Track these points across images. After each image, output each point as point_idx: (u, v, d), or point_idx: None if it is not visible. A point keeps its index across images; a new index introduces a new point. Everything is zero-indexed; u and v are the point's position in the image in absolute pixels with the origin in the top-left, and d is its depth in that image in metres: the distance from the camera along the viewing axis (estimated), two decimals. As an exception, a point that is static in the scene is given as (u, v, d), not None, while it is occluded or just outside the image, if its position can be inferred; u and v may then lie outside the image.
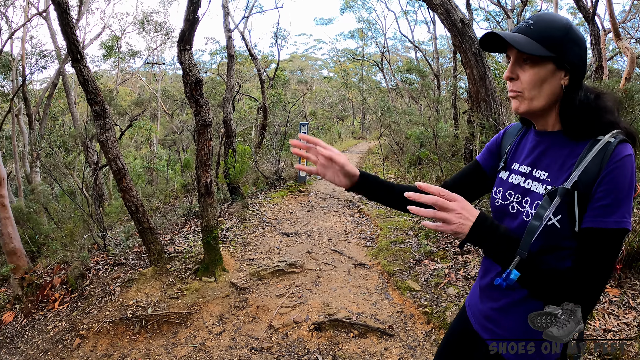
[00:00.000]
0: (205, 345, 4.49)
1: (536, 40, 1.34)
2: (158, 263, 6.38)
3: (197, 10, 5.21)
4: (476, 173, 1.80)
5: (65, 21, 5.26)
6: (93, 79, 5.56)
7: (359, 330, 4.41)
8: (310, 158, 1.66)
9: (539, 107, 1.41)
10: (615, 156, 1.27)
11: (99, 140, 5.88)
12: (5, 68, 16.06)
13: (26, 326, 6.15)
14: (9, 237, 7.74)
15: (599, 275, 1.26)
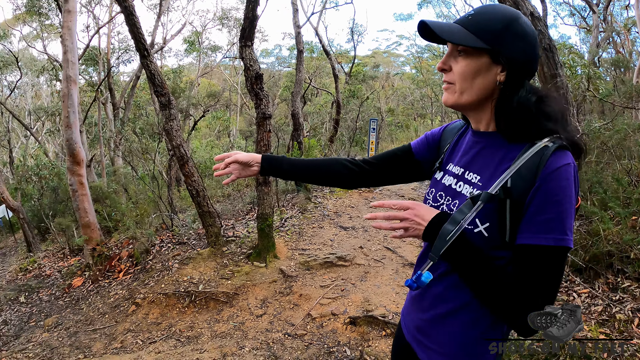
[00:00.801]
0: (244, 325, 4.76)
1: (472, 31, 1.24)
2: (215, 245, 6.74)
3: (255, 8, 5.47)
4: (406, 158, 1.69)
5: (131, 22, 5.78)
6: (159, 73, 6.02)
7: (391, 330, 4.45)
8: (227, 171, 1.77)
9: (469, 102, 1.31)
10: (552, 164, 1.16)
11: (164, 129, 6.34)
12: (93, 61, 17.52)
13: (91, 291, 6.84)
14: (85, 212, 8.52)
15: (541, 294, 1.16)
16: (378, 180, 1.76)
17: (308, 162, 1.78)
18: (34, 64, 22.19)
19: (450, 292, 1.35)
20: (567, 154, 1.19)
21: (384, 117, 21.47)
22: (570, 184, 1.16)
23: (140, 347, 4.72)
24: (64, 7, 8.51)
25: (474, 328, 1.32)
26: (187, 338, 4.73)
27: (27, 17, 17.90)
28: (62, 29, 8.54)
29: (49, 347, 5.35)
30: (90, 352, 4.93)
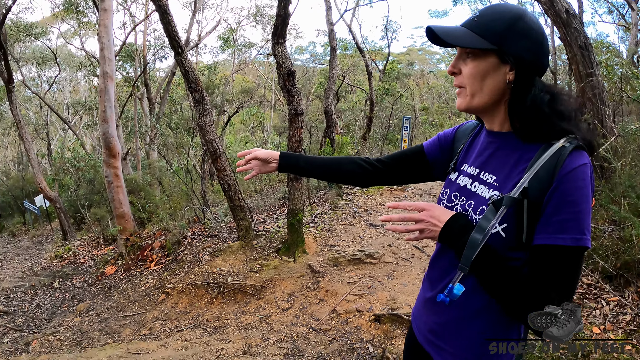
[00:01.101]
0: (270, 317, 4.82)
1: (477, 33, 1.23)
2: (245, 238, 6.83)
3: (287, 6, 5.51)
4: (418, 158, 1.70)
5: (165, 20, 5.93)
6: (193, 70, 6.16)
7: (416, 328, 4.43)
8: (248, 167, 1.81)
9: (482, 104, 1.30)
10: (569, 165, 1.15)
11: (197, 124, 6.48)
12: (129, 57, 18.00)
13: (123, 279, 7.06)
14: (119, 203, 8.77)
15: (559, 294, 1.16)
16: (390, 180, 1.78)
17: (323, 160, 1.82)
18: (72, 60, 22.95)
19: (468, 297, 1.31)
20: (583, 154, 1.18)
21: (417, 115, 21.25)
22: (587, 184, 1.15)
23: (167, 335, 4.84)
24: (100, 6, 8.78)
25: (491, 331, 1.32)
26: (213, 328, 4.82)
27: (65, 15, 18.51)
28: (99, 27, 8.81)
29: (80, 331, 5.55)
30: (119, 338, 5.09)
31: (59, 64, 19.12)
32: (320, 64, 32.02)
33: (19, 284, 8.34)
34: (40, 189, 11.95)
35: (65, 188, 13.59)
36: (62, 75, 24.23)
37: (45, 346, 5.27)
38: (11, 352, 5.29)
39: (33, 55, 20.70)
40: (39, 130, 23.12)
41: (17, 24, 16.84)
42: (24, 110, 25.90)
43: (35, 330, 5.91)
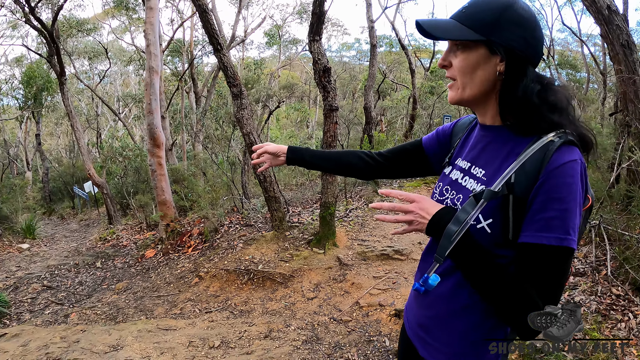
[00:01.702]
0: (295, 305, 4.97)
1: (466, 24, 1.19)
2: (279, 229, 7.02)
3: (322, 4, 5.63)
4: (415, 153, 1.71)
5: (205, 19, 6.21)
6: (232, 65, 6.40)
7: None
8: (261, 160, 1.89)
9: (471, 96, 1.27)
10: (556, 160, 1.11)
11: (235, 117, 6.71)
12: (177, 52, 18.58)
13: (161, 262, 7.44)
14: (162, 190, 9.16)
15: (542, 296, 1.11)
16: (391, 173, 1.82)
17: (328, 154, 1.88)
18: (123, 55, 23.87)
19: (455, 292, 1.31)
20: (574, 149, 1.14)
21: (461, 114, 20.97)
22: (575, 181, 1.10)
23: (196, 315, 5.09)
24: (146, 4, 9.16)
25: (478, 329, 1.29)
26: (240, 311, 5.03)
27: (116, 12, 19.26)
28: (145, 24, 9.20)
29: (116, 307, 5.90)
30: (152, 315, 5.39)
31: (110, 58, 19.93)
32: (367, 61, 32.01)
33: (64, 262, 8.89)
34: (89, 176, 12.59)
35: (113, 176, 14.20)
36: (113, 69, 25.28)
37: (82, 319, 5.64)
38: (51, 322, 5.69)
39: (85, 49, 21.68)
40: (90, 121, 24.20)
41: (69, 20, 17.66)
42: (77, 101, 27.25)
43: (75, 305, 6.33)
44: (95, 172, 12.76)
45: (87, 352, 3.87)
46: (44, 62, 14.65)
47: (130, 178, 14.64)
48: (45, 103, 18.58)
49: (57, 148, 31.73)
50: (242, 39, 19.76)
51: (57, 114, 26.61)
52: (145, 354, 3.77)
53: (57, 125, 31.55)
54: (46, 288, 7.17)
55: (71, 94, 25.22)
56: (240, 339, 4.11)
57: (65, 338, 4.31)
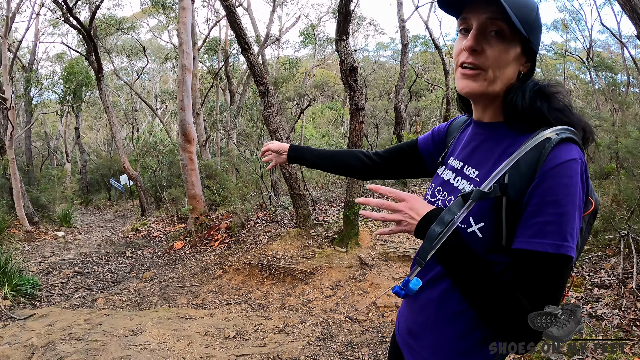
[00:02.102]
0: (312, 302, 5.04)
1: (515, 13, 1.06)
2: (303, 226, 7.11)
3: (349, 4, 5.67)
4: (411, 153, 1.67)
5: (232, 19, 6.39)
6: (259, 64, 6.56)
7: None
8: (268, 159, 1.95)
9: (496, 92, 1.16)
10: (553, 159, 1.02)
11: (262, 115, 6.85)
12: (213, 50, 18.91)
13: (188, 254, 7.65)
14: (192, 185, 9.39)
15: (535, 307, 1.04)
16: (387, 174, 1.80)
17: (327, 153, 1.87)
18: (161, 52, 24.46)
19: (443, 298, 1.25)
20: (573, 148, 1.05)
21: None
22: (574, 182, 1.01)
23: (216, 306, 5.23)
24: (179, 4, 9.39)
25: (467, 338, 1.21)
26: (258, 305, 5.13)
27: (153, 11, 19.74)
28: (178, 23, 9.45)
29: (141, 294, 6.14)
30: (174, 304, 5.57)
31: (147, 56, 20.46)
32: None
33: (96, 250, 9.28)
34: (124, 168, 12.99)
35: (148, 169, 14.59)
36: (152, 66, 26.00)
37: (108, 304, 5.88)
38: (78, 306, 5.96)
39: (123, 47, 22.30)
40: (128, 116, 24.88)
41: (108, 19, 18.22)
42: (116, 97, 28.17)
43: (103, 291, 6.61)
44: (129, 165, 13.15)
45: (107, 335, 4.05)
46: (83, 59, 15.18)
47: (165, 172, 14.99)
48: (85, 98, 19.20)
49: (96, 141, 32.81)
50: (277, 38, 19.97)
51: (96, 109, 27.51)
52: (163, 339, 3.92)
53: (96, 120, 32.60)
54: (77, 274, 7.51)
55: (110, 90, 26.24)
56: (255, 331, 4.21)
57: (89, 320, 4.54)
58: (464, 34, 1.17)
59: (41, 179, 19.55)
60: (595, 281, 5.27)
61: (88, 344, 3.86)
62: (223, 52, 17.85)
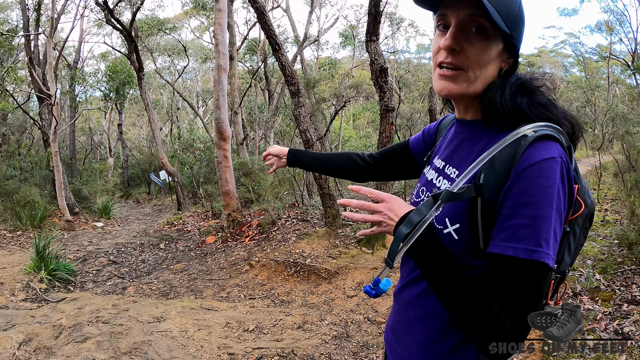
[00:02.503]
0: (334, 301, 5.09)
1: (497, 8, 0.99)
2: (331, 226, 7.17)
3: (378, 5, 5.70)
4: (403, 153, 1.65)
5: (262, 20, 6.54)
6: (289, 65, 6.68)
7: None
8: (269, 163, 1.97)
9: (476, 92, 1.11)
10: (528, 159, 0.96)
11: (293, 114, 6.96)
12: (252, 51, 19.22)
13: (219, 249, 7.88)
14: (226, 181, 9.60)
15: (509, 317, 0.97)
16: (382, 175, 1.80)
17: (324, 156, 1.88)
18: (203, 52, 24.93)
19: (421, 299, 1.21)
20: (552, 145, 0.99)
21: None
22: (552, 183, 0.95)
23: (240, 300, 5.37)
24: (215, 6, 9.63)
25: (443, 340, 1.15)
26: (281, 301, 5.23)
27: (194, 12, 20.20)
28: (214, 25, 9.69)
29: (170, 285, 6.36)
30: (200, 296, 5.75)
31: (189, 56, 20.98)
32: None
33: (132, 241, 9.68)
34: (162, 164, 13.41)
35: (186, 165, 14.96)
36: (193, 65, 26.62)
37: (137, 292, 6.14)
38: (109, 292, 6.25)
39: (166, 47, 22.94)
40: (170, 114, 25.52)
41: (151, 19, 18.83)
42: (158, 95, 28.97)
43: (135, 280, 6.92)
44: (168, 161, 13.54)
45: (132, 320, 4.24)
46: (126, 58, 15.74)
47: (202, 169, 15.33)
48: (127, 96, 19.83)
49: (138, 137, 33.79)
50: (315, 39, 20.09)
51: (139, 106, 28.41)
52: (184, 328, 4.06)
53: (138, 117, 33.63)
54: (111, 262, 7.88)
55: (153, 88, 27.04)
56: (274, 326, 4.30)
57: (116, 306, 4.77)
58: (442, 31, 1.11)
59: (83, 172, 20.35)
60: (625, 296, 5.07)
61: (113, 327, 4.07)
62: (262, 52, 18.11)
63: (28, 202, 11.36)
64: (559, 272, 1.10)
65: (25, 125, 18.69)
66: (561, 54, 41.63)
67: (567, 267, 1.12)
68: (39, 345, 3.83)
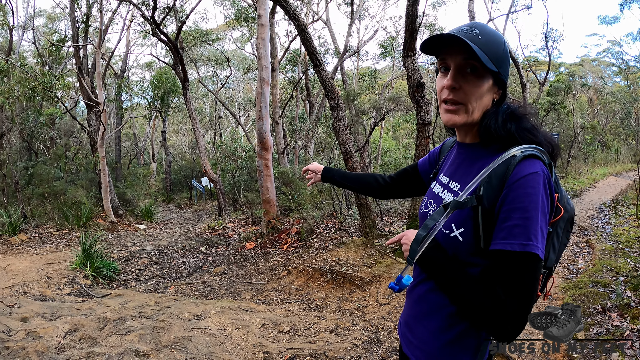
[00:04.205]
0: (366, 308, 5.22)
1: (485, 52, 1.27)
2: (368, 235, 7.31)
3: (415, 21, 5.83)
4: (412, 174, 1.92)
5: (303, 37, 6.80)
6: (330, 80, 6.90)
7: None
8: (310, 177, 2.24)
9: (475, 120, 1.36)
10: (518, 173, 1.21)
11: (333, 127, 7.16)
12: (293, 62, 19.58)
13: (258, 254, 8.16)
14: (267, 190, 9.88)
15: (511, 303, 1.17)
16: (397, 193, 2.04)
17: (352, 175, 2.15)
18: (245, 62, 25.51)
19: (429, 295, 1.44)
20: (536, 162, 1.23)
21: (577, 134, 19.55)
22: (537, 191, 1.19)
23: (276, 303, 5.58)
24: (257, 21, 9.97)
25: (450, 329, 1.37)
26: (315, 306, 5.40)
27: (236, 24, 20.74)
28: (257, 39, 10.01)
29: (210, 286, 6.65)
30: (238, 298, 6.00)
31: (231, 66, 21.54)
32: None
33: (173, 244, 10.11)
34: (205, 171, 13.87)
35: (228, 173, 15.38)
36: (235, 75, 27.29)
37: (178, 292, 6.46)
38: (151, 291, 6.63)
39: (209, 57, 23.61)
40: (212, 122, 26.20)
41: (195, 31, 19.48)
42: (202, 103, 29.83)
43: (175, 280, 7.27)
44: (210, 168, 13.98)
45: (173, 317, 4.52)
46: (170, 67, 16.35)
47: (244, 177, 15.70)
48: (171, 104, 20.50)
49: (181, 144, 34.81)
50: (355, 51, 20.27)
51: (182, 114, 29.27)
52: (222, 326, 4.30)
53: (182, 124, 34.65)
54: (153, 263, 8.30)
55: (196, 97, 27.84)
56: (308, 329, 4.48)
57: (159, 303, 5.09)
58: (443, 72, 1.38)
59: (128, 176, 21.18)
60: (655, 315, 5.00)
61: (155, 322, 4.37)
62: (302, 64, 18.43)
63: (74, 202, 12.05)
64: (546, 267, 1.34)
65: (72, 130, 19.72)
66: (604, 62, 40.26)
67: (553, 264, 1.36)
68: (84, 335, 4.17)
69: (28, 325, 4.36)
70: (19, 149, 15.86)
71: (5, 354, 3.70)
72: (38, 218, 10.93)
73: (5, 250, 8.31)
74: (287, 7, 6.60)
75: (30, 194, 13.20)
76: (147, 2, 12.74)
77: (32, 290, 6.09)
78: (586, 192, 13.94)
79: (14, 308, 4.97)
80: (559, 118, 18.65)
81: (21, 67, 11.27)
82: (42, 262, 7.38)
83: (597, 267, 6.98)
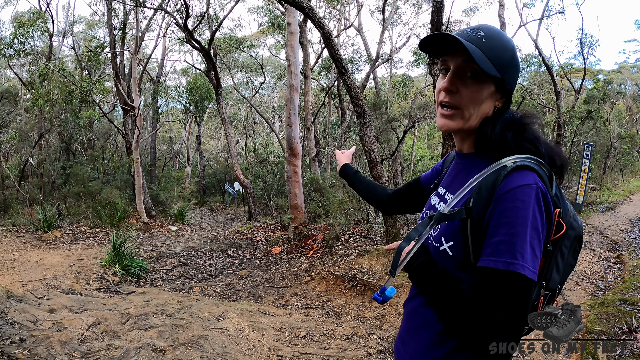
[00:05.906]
0: (385, 317, 5.24)
1: (488, 56, 1.19)
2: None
3: (440, 28, 5.84)
4: (415, 188, 1.84)
5: (329, 45, 6.89)
6: (355, 87, 6.98)
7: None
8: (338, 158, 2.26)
9: (472, 127, 1.29)
10: (506, 185, 1.13)
11: (359, 134, 7.21)
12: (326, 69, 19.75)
13: (284, 259, 8.31)
14: (295, 196, 10.03)
15: (495, 324, 1.09)
16: (401, 208, 1.98)
17: (365, 180, 2.11)
18: (279, 69, 25.81)
19: (421, 309, 1.38)
20: (528, 174, 1.15)
21: (613, 143, 18.89)
22: (526, 205, 1.10)
23: (296, 308, 5.66)
24: (287, 30, 10.16)
25: (441, 345, 1.29)
26: (334, 313, 5.44)
27: (270, 31, 21.07)
28: (287, 47, 10.21)
29: (233, 288, 6.81)
30: (260, 301, 6.12)
31: (265, 73, 21.84)
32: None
33: (202, 246, 10.36)
34: (236, 176, 14.14)
35: (259, 178, 15.58)
36: (270, 82, 27.63)
37: (202, 292, 6.64)
38: (176, 290, 6.82)
39: (243, 64, 24.02)
40: (246, 127, 26.59)
41: (229, 38, 19.88)
42: (236, 109, 30.29)
43: (201, 281, 7.47)
44: (241, 173, 14.22)
45: (193, 316, 4.67)
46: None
47: (275, 182, 15.88)
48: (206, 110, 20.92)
49: (216, 149, 35.45)
50: (388, 58, 20.24)
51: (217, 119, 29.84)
52: (240, 328, 4.42)
53: (217, 129, 35.27)
54: (181, 264, 8.55)
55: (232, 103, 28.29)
56: (324, 335, 4.53)
57: (181, 302, 5.26)
58: (444, 74, 1.31)
59: (162, 179, 21.71)
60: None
61: (175, 320, 4.53)
62: (335, 71, 18.54)
63: (109, 202, 12.49)
64: (548, 289, 1.22)
65: (109, 133, 20.39)
66: (643, 68, 38.85)
67: (557, 285, 1.24)
68: (106, 328, 4.37)
69: (55, 317, 4.59)
70: (57, 149, 16.58)
71: (30, 341, 3.92)
72: (73, 216, 11.43)
73: (39, 245, 8.72)
74: (312, 16, 6.68)
75: (67, 192, 13.81)
76: (181, 10, 13.11)
77: (62, 284, 6.40)
78: (621, 204, 13.48)
79: (43, 300, 5.24)
80: (595, 126, 18.09)
81: (60, 72, 11.76)
82: (74, 258, 7.72)
83: (626, 284, 6.79)
